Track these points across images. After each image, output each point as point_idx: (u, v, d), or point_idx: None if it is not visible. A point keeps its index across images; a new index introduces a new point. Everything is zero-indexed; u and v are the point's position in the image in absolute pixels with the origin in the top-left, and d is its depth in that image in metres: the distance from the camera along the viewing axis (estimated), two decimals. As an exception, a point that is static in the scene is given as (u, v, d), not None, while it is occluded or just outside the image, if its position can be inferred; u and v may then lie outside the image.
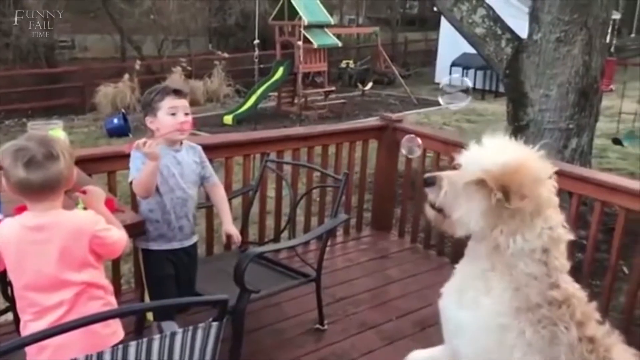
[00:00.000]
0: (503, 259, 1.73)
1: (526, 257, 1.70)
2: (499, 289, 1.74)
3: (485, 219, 1.71)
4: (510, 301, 1.72)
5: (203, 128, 10.73)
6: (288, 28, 12.21)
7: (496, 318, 1.73)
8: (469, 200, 1.74)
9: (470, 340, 1.80)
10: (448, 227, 1.83)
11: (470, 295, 1.81)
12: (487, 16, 5.36)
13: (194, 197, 2.43)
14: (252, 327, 2.80)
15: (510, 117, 5.40)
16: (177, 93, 2.32)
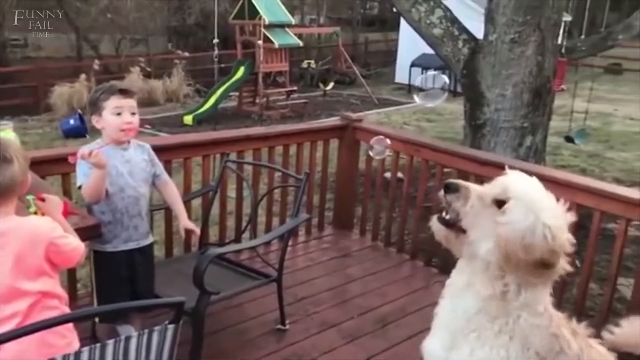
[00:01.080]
0: (504, 305, 1.61)
1: (531, 308, 1.61)
2: (500, 346, 1.62)
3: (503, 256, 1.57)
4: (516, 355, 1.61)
5: (162, 128, 10.57)
6: (249, 27, 12.13)
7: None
8: (494, 225, 1.57)
9: None
10: (457, 246, 1.70)
11: (465, 351, 1.67)
12: (444, 17, 5.46)
13: (146, 195, 2.40)
14: (213, 329, 2.77)
15: (468, 116, 5.51)
16: (123, 92, 2.28)
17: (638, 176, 7.27)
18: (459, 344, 1.68)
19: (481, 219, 1.60)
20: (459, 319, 1.70)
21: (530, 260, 1.53)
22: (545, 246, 1.52)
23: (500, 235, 1.56)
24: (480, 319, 1.64)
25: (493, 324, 1.63)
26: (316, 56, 18.16)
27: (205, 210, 3.24)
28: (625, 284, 3.56)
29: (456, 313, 1.71)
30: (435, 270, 3.62)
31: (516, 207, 1.56)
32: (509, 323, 1.62)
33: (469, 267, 1.70)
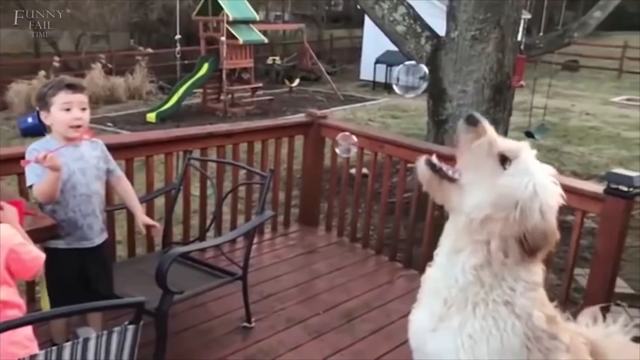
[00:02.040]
0: (495, 274, 1.57)
1: (524, 281, 1.59)
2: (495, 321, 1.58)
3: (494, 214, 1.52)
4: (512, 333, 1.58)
5: (125, 126, 10.37)
6: (213, 24, 12.00)
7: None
8: (492, 179, 1.54)
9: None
10: (438, 192, 1.64)
11: (455, 323, 1.62)
12: (407, 14, 5.51)
13: (99, 192, 2.36)
14: (178, 329, 2.74)
15: (431, 112, 5.59)
16: (72, 87, 2.23)
17: (594, 169, 7.51)
18: (450, 315, 1.63)
19: (480, 164, 1.56)
20: (451, 288, 1.63)
21: (515, 232, 1.50)
22: (534, 222, 1.49)
23: (496, 190, 1.52)
24: (474, 290, 1.59)
25: (487, 296, 1.58)
26: (281, 53, 18.10)
27: (168, 209, 3.19)
28: (582, 273, 3.69)
29: (448, 281, 1.65)
30: (399, 264, 3.66)
31: (522, 170, 1.53)
32: (502, 296, 1.57)
33: (453, 226, 1.64)
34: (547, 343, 1.63)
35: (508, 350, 1.58)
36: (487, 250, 1.56)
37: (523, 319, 1.60)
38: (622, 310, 4.10)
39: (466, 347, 1.59)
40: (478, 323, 1.59)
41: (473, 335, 1.59)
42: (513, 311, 1.59)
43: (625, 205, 2.56)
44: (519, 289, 1.59)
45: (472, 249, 1.59)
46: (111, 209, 2.94)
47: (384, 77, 14.77)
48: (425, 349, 1.72)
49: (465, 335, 1.60)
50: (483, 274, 1.58)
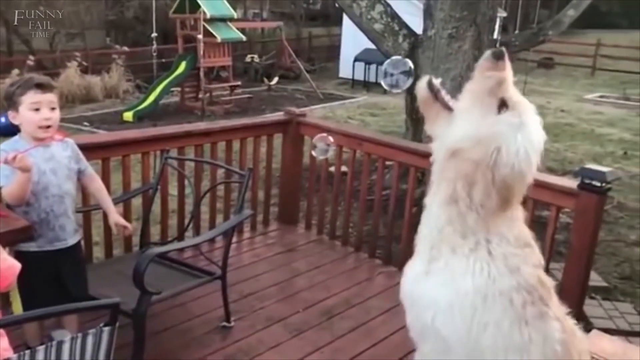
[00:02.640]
0: (465, 219, 1.57)
1: (498, 236, 1.58)
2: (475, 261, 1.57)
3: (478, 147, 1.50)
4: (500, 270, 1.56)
5: (101, 126, 10.24)
6: (190, 21, 11.89)
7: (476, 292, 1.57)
8: (484, 116, 1.53)
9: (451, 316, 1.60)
10: (430, 114, 1.65)
11: (441, 264, 1.62)
12: (384, 12, 5.54)
13: (71, 192, 2.33)
14: (156, 329, 2.72)
15: (409, 110, 5.63)
16: (41, 87, 2.18)
17: (569, 165, 7.63)
18: (435, 256, 1.64)
19: (480, 98, 1.55)
20: (432, 231, 1.65)
21: (486, 178, 1.50)
22: (508, 171, 1.49)
23: (482, 127, 1.52)
24: (449, 232, 1.60)
25: (465, 241, 1.58)
26: (260, 51, 18.01)
27: (145, 208, 3.16)
28: (558, 268, 3.74)
29: (429, 223, 1.67)
30: (379, 261, 3.68)
31: (515, 119, 1.52)
32: (481, 243, 1.57)
33: (436, 164, 1.65)
34: (538, 305, 1.60)
35: (495, 292, 1.56)
36: (453, 189, 1.57)
37: (508, 269, 1.58)
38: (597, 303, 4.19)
39: (449, 284, 1.59)
40: (460, 263, 1.59)
41: (456, 272, 1.59)
42: (495, 259, 1.58)
43: (598, 200, 2.61)
44: (494, 240, 1.58)
45: (445, 185, 1.59)
46: (87, 210, 2.91)
47: (363, 75, 14.81)
48: (414, 295, 1.71)
49: (448, 272, 1.60)
50: (451, 213, 1.58)
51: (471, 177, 1.53)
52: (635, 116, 12.00)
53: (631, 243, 5.42)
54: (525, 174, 1.53)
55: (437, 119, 1.64)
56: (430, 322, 1.62)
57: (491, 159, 1.49)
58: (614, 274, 4.79)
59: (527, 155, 1.51)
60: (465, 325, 1.57)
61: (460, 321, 1.57)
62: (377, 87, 14.54)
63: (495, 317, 1.56)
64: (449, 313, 1.59)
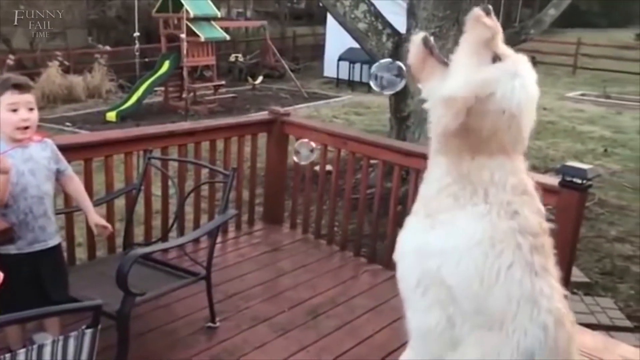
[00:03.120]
0: (461, 164, 1.58)
1: (495, 185, 1.58)
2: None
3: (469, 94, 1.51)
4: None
5: (84, 126, 10.13)
6: (173, 21, 11.80)
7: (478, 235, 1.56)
8: (479, 65, 1.56)
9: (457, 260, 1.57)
10: (423, 69, 1.65)
11: (445, 216, 1.61)
12: (368, 12, 5.56)
13: (50, 193, 2.31)
14: (141, 331, 2.70)
15: (393, 109, 5.65)
16: (19, 87, 2.16)
17: (551, 163, 7.72)
18: (438, 209, 1.63)
19: (474, 50, 1.57)
20: (432, 185, 1.66)
21: (483, 124, 1.51)
22: (505, 117, 1.50)
23: (477, 75, 1.53)
24: (448, 182, 1.60)
25: (465, 191, 1.58)
26: (244, 50, 17.93)
27: (129, 209, 3.14)
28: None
29: (429, 179, 1.68)
30: (364, 260, 3.69)
31: (509, 67, 1.55)
32: (478, 192, 1.57)
33: (433, 117, 1.65)
34: (543, 255, 1.59)
35: (502, 236, 1.55)
36: (448, 139, 1.57)
37: (508, 214, 1.57)
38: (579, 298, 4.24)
39: (455, 233, 1.58)
40: (464, 212, 1.59)
41: (461, 221, 1.58)
42: (494, 206, 1.57)
43: (579, 197, 2.64)
44: (491, 189, 1.57)
45: (442, 137, 1.60)
46: (69, 211, 2.87)
47: (347, 75, 14.82)
48: (416, 245, 1.67)
49: (453, 222, 1.59)
50: (449, 164, 1.60)
51: (466, 125, 1.53)
52: (615, 114, 12.19)
53: (612, 239, 5.50)
54: (520, 118, 1.55)
55: (432, 74, 1.64)
56: (436, 270, 1.60)
57: (486, 104, 1.51)
58: (595, 269, 4.86)
59: (521, 100, 1.54)
60: (478, 272, 1.55)
61: (473, 268, 1.56)
62: (361, 86, 14.58)
63: (506, 262, 1.54)
64: (457, 261, 1.57)
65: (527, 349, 1.56)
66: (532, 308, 1.56)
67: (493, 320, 1.57)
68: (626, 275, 4.74)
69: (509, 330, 1.56)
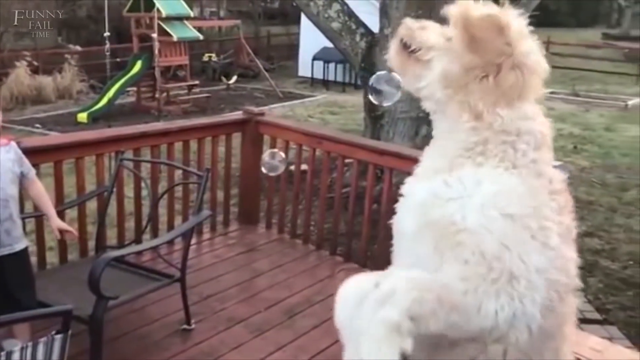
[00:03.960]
0: (487, 127, 1.47)
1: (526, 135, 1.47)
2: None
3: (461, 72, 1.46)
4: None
5: (55, 127, 9.93)
6: (145, 20, 11.66)
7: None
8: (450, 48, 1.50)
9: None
10: (409, 68, 1.61)
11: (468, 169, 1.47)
12: (341, 11, 5.57)
13: (15, 196, 2.28)
14: (115, 335, 2.66)
15: (368, 108, 5.68)
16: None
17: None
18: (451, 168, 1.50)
19: (437, 38, 1.55)
20: (447, 152, 1.53)
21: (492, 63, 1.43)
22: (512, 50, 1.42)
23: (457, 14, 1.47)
24: (471, 145, 1.48)
25: (490, 149, 1.47)
26: (218, 50, 17.81)
27: (101, 211, 3.09)
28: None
29: (441, 151, 1.57)
30: (340, 258, 3.70)
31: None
32: (508, 152, 1.46)
33: (438, 126, 1.58)
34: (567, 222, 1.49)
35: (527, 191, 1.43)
36: (460, 106, 1.50)
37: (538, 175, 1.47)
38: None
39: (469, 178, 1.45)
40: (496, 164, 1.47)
41: (484, 176, 1.45)
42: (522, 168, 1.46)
43: (549, 193, 2.68)
44: (520, 146, 1.47)
45: (450, 107, 1.52)
46: (39, 214, 2.81)
47: (322, 74, 14.83)
48: (427, 195, 1.51)
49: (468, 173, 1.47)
50: (475, 130, 1.49)
51: (472, 87, 1.48)
52: (584, 112, 12.45)
53: (582, 234, 5.62)
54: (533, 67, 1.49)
55: (416, 72, 1.60)
56: (461, 220, 1.40)
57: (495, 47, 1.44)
58: (566, 264, 4.95)
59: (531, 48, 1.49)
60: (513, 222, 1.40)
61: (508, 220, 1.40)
62: (336, 86, 14.62)
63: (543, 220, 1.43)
64: (485, 211, 1.40)
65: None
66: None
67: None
68: (595, 270, 4.84)
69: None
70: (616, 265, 4.97)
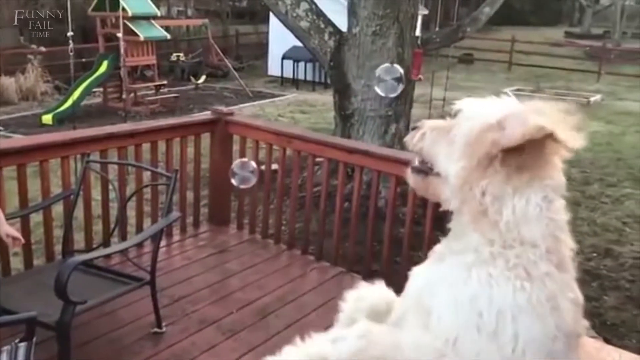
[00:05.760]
0: (495, 226, 1.33)
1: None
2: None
3: (470, 168, 1.34)
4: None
5: (18, 130, 9.68)
6: (111, 19, 11.45)
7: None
8: (451, 144, 1.39)
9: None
10: (430, 188, 1.49)
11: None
12: (310, 10, 5.57)
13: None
14: (84, 340, 2.62)
15: (337, 107, 5.70)
16: None
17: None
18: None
19: (438, 145, 1.44)
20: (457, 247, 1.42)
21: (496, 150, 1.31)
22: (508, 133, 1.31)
23: (456, 140, 1.38)
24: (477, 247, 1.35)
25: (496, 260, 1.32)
26: (186, 49, 17.61)
27: (67, 215, 3.03)
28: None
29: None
30: (311, 257, 3.71)
31: (466, 111, 1.43)
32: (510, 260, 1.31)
33: (458, 223, 1.43)
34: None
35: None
36: (476, 197, 1.36)
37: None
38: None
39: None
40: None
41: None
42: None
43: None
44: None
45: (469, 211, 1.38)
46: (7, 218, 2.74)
47: (292, 73, 14.81)
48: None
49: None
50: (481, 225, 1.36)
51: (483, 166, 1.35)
52: (549, 108, 12.72)
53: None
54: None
55: (435, 186, 1.49)
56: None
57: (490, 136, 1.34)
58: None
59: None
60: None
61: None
62: (306, 85, 14.61)
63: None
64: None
65: None
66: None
67: None
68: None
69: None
70: (580, 258, 5.10)
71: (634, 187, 7.26)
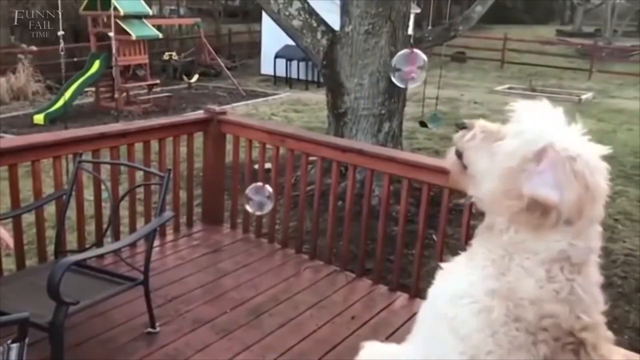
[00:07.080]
0: (494, 236, 1.39)
1: (526, 252, 1.34)
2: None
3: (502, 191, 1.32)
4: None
5: (10, 130, 9.62)
6: (103, 19, 11.39)
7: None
8: (493, 158, 1.36)
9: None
10: (462, 182, 1.51)
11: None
12: (302, 9, 5.57)
13: None
14: (77, 341, 2.60)
15: (330, 106, 5.70)
16: None
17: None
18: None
19: (480, 153, 1.42)
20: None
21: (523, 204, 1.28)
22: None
23: (486, 125, 1.39)
24: (476, 247, 1.45)
25: (489, 254, 1.39)
26: (178, 48, 17.56)
27: (59, 215, 3.01)
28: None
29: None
30: (305, 256, 3.71)
31: (515, 130, 1.35)
32: (505, 259, 1.36)
33: (487, 233, 1.44)
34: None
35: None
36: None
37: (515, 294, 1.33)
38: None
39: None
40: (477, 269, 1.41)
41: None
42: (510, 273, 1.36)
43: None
44: (516, 259, 1.35)
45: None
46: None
47: (285, 72, 14.80)
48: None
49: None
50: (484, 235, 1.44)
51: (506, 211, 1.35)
52: (541, 106, 12.78)
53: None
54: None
55: (465, 181, 1.53)
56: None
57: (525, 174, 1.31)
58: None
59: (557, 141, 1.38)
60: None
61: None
62: (299, 83, 14.61)
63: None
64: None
65: None
66: None
67: None
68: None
69: None
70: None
71: (625, 184, 7.31)
